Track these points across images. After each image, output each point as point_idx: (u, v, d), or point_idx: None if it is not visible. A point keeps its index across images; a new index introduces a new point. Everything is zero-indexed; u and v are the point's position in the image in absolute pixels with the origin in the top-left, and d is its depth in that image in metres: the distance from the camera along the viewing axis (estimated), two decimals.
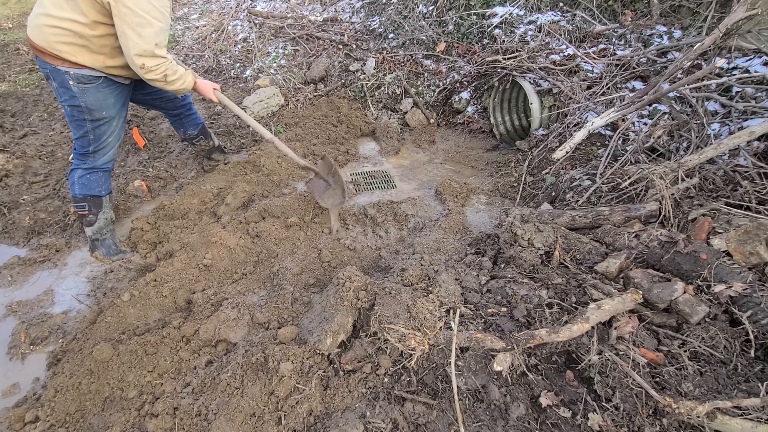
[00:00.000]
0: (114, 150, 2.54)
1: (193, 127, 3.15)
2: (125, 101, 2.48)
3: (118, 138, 2.52)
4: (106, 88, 2.28)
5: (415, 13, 4.66)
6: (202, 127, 3.20)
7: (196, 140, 3.26)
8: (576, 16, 3.81)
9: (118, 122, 2.45)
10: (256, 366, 1.75)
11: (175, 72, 2.23)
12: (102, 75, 2.23)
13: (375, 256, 2.57)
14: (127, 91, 2.45)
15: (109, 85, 2.29)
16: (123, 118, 2.51)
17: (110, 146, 2.48)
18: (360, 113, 4.15)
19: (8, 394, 1.90)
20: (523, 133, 3.88)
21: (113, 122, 2.41)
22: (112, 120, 2.40)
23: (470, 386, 1.61)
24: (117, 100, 2.37)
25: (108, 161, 2.52)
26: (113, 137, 2.47)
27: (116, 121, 2.43)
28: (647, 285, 1.78)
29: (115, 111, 2.39)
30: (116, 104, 2.38)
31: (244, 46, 5.15)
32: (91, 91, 2.23)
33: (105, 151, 2.47)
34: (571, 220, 2.31)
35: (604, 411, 1.50)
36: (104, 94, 2.28)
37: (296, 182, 3.24)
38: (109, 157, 2.51)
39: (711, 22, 3.16)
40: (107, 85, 2.28)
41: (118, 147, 2.59)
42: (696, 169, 2.30)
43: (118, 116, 2.44)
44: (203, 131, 3.23)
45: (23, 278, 2.48)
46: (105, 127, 2.39)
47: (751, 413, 1.39)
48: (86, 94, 2.22)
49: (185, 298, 2.25)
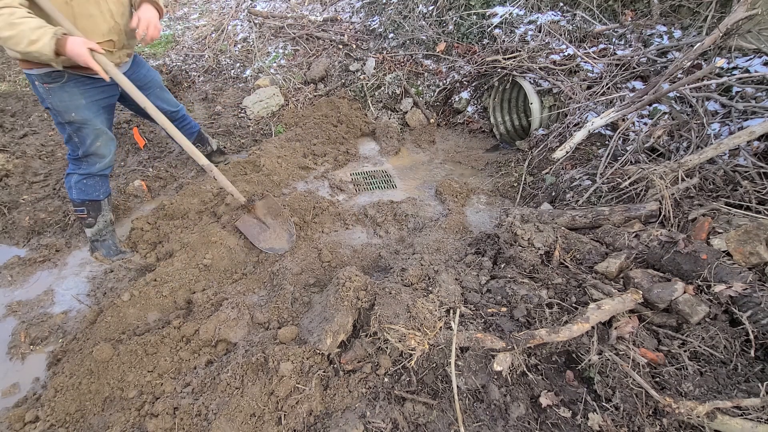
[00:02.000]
0: (109, 158, 2.35)
1: (188, 136, 3.02)
2: (105, 104, 2.24)
3: (108, 144, 2.32)
4: (74, 88, 2.07)
5: (415, 13, 4.66)
6: (197, 134, 3.14)
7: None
8: (576, 16, 3.81)
9: (100, 126, 2.23)
10: (256, 366, 1.75)
11: (11, 26, 1.65)
12: (65, 72, 2.01)
13: (375, 256, 2.57)
14: (104, 93, 2.23)
15: (77, 85, 2.07)
16: (105, 122, 2.27)
17: (101, 153, 2.29)
18: (360, 113, 4.15)
19: (8, 394, 1.91)
20: (523, 133, 3.88)
21: (90, 126, 2.18)
22: (88, 124, 2.16)
23: (470, 386, 1.61)
24: (90, 101, 2.14)
25: (104, 168, 2.36)
26: (100, 143, 2.26)
27: (96, 125, 2.20)
28: (647, 285, 1.78)
29: (89, 114, 2.15)
30: (90, 106, 2.14)
31: (244, 46, 5.15)
32: (56, 91, 2.04)
33: (96, 158, 2.29)
34: (571, 220, 2.31)
35: (604, 411, 1.50)
36: (71, 94, 2.08)
37: (296, 182, 3.23)
38: (105, 164, 2.35)
39: (711, 22, 3.17)
40: (75, 84, 2.07)
41: (114, 152, 2.39)
42: (696, 169, 2.30)
43: (97, 120, 2.20)
44: (199, 138, 3.18)
45: (23, 278, 2.48)
46: (85, 131, 2.17)
47: (751, 413, 1.39)
48: (52, 94, 2.05)
49: (185, 298, 2.25)
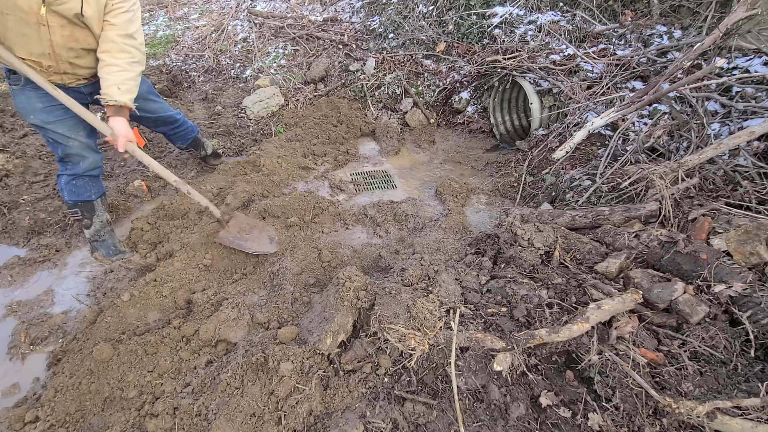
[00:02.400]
0: (91, 159, 2.29)
1: (182, 141, 3.11)
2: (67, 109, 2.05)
3: (82, 149, 2.23)
4: (32, 92, 2.01)
5: (415, 13, 4.66)
6: (192, 140, 3.15)
7: (187, 151, 3.30)
8: (576, 16, 3.81)
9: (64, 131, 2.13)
10: (256, 366, 1.75)
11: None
12: (21, 76, 1.96)
13: (375, 256, 2.57)
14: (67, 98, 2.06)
15: (34, 89, 1.99)
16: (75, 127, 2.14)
17: (80, 156, 2.23)
18: (360, 113, 4.15)
19: (8, 394, 1.90)
20: (523, 133, 3.88)
21: (51, 130, 2.10)
22: (47, 127, 2.09)
23: (470, 386, 1.61)
24: (48, 105, 2.05)
25: (90, 168, 2.30)
26: (72, 147, 2.17)
27: (58, 129, 2.11)
28: (647, 285, 1.78)
29: (49, 117, 2.07)
30: (49, 110, 2.06)
31: (244, 46, 5.15)
32: (17, 93, 2.02)
33: (77, 159, 2.23)
34: (571, 220, 2.31)
35: (604, 411, 1.50)
36: (29, 97, 2.02)
37: (296, 182, 3.23)
38: (89, 165, 2.28)
39: (711, 22, 3.17)
40: (33, 88, 1.99)
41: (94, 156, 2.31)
42: (696, 169, 2.29)
43: (60, 125, 2.11)
44: (194, 144, 3.20)
45: (23, 278, 2.48)
46: (50, 134, 2.11)
47: (751, 413, 1.39)
48: (14, 96, 2.02)
49: (185, 298, 2.25)
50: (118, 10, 1.96)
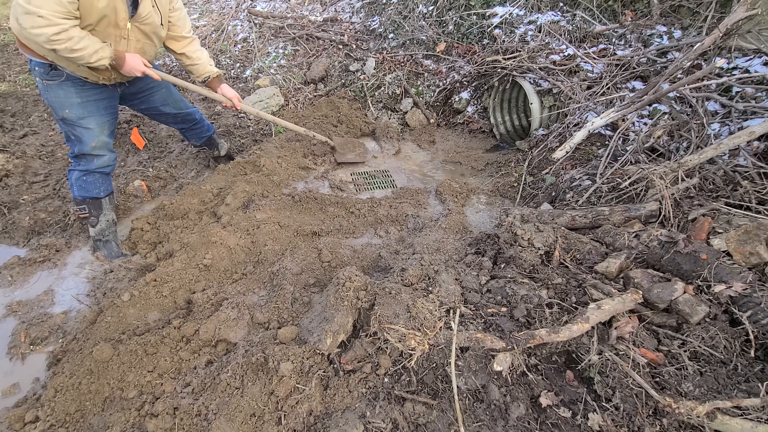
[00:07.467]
0: (107, 157, 2.39)
1: (197, 139, 3.19)
2: (103, 105, 2.27)
3: (103, 145, 2.35)
4: (71, 87, 2.13)
5: (415, 13, 4.66)
6: (207, 139, 3.22)
7: (200, 149, 3.38)
8: (576, 16, 3.81)
9: (94, 127, 2.25)
10: (256, 366, 1.75)
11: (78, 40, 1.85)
12: (63, 72, 2.08)
13: (375, 256, 2.57)
14: (101, 94, 2.26)
15: (74, 84, 2.13)
16: (103, 124, 2.30)
17: (97, 152, 2.32)
18: (360, 113, 4.14)
19: (8, 394, 1.90)
20: (523, 133, 3.88)
21: (83, 125, 2.21)
22: (81, 122, 2.20)
23: (470, 386, 1.61)
24: (85, 100, 2.17)
25: (104, 166, 2.40)
26: (96, 143, 2.29)
27: (90, 125, 2.23)
28: (647, 285, 1.78)
29: (83, 112, 2.19)
30: (85, 105, 2.18)
31: (244, 46, 5.15)
32: (53, 88, 2.10)
33: (92, 158, 2.32)
34: (571, 220, 2.31)
35: (604, 411, 1.50)
36: (67, 92, 2.12)
37: (296, 182, 3.23)
38: (104, 162, 2.38)
39: (711, 22, 3.16)
40: (73, 83, 2.12)
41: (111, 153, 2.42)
42: (696, 169, 2.30)
43: (92, 120, 2.23)
44: (208, 143, 3.26)
45: (23, 278, 2.48)
46: (79, 129, 2.21)
47: (751, 413, 1.39)
48: (48, 90, 2.11)
49: (185, 298, 2.25)
50: (180, 11, 2.41)
